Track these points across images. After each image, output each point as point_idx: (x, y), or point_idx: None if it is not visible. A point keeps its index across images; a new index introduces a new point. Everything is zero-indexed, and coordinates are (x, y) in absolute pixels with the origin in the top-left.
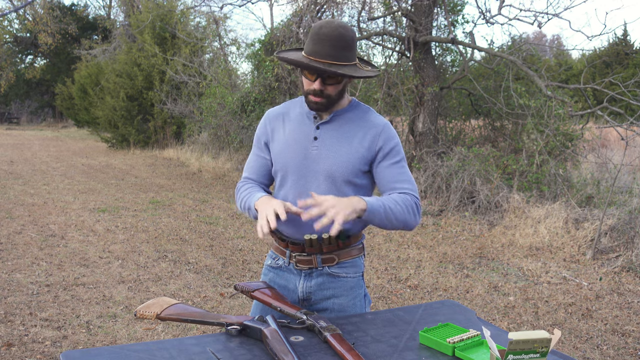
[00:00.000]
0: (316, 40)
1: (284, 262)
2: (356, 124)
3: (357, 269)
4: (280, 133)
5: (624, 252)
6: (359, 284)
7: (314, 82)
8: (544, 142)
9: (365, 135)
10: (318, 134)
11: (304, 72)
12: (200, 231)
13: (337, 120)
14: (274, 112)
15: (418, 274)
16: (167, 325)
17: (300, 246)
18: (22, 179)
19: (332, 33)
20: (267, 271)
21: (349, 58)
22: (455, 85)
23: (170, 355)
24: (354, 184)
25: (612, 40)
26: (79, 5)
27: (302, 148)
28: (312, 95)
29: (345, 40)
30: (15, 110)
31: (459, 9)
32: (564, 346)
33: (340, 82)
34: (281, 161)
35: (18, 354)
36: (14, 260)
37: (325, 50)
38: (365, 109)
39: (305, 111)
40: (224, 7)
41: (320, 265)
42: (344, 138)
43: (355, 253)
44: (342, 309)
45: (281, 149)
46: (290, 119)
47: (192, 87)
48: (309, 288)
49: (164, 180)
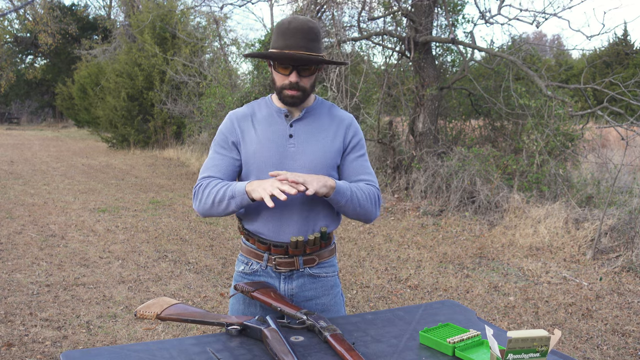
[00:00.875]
0: (287, 35)
1: (260, 265)
2: (326, 119)
3: (334, 268)
4: (251, 134)
5: (624, 252)
6: (337, 283)
7: (289, 75)
8: (544, 142)
9: (337, 130)
10: (292, 131)
11: (277, 68)
12: (200, 231)
13: (309, 117)
14: (240, 113)
15: (418, 274)
16: (167, 325)
17: (282, 248)
18: (22, 179)
19: (302, 26)
20: (241, 278)
21: (319, 50)
22: (456, 85)
23: (170, 355)
24: (331, 177)
25: (612, 40)
26: (79, 5)
27: (278, 146)
28: (287, 90)
29: (315, 32)
30: (16, 110)
31: (459, 9)
32: (564, 346)
33: (314, 74)
34: (257, 161)
35: (18, 354)
36: (14, 260)
37: (298, 42)
38: (329, 105)
39: (275, 110)
40: (224, 7)
41: (302, 266)
42: (318, 133)
43: (330, 253)
44: (324, 308)
45: (255, 149)
46: (259, 120)
47: (192, 87)
48: (291, 290)
49: (164, 180)
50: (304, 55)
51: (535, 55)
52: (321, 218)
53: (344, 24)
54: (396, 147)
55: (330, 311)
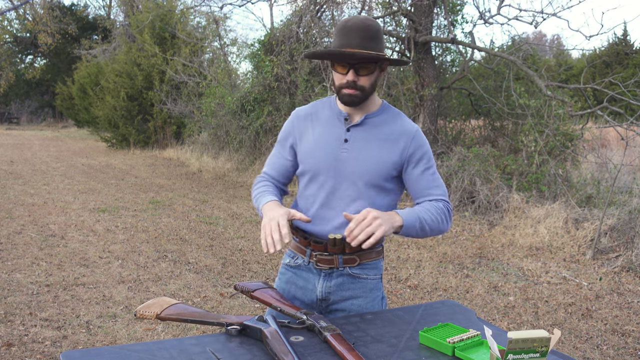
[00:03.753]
0: (344, 33)
1: (304, 261)
2: (387, 127)
3: (377, 271)
4: (309, 134)
5: (624, 252)
6: (378, 286)
7: (347, 74)
8: (544, 142)
9: (397, 140)
10: (349, 136)
11: (335, 67)
12: (200, 231)
13: (368, 123)
14: (302, 112)
15: (418, 274)
16: (167, 325)
17: (322, 245)
18: (22, 179)
19: (359, 24)
20: (285, 270)
21: (378, 49)
22: (455, 85)
23: (170, 355)
24: (383, 188)
25: (612, 40)
26: (78, 5)
27: (332, 149)
28: (345, 89)
29: (373, 30)
30: (15, 110)
31: (458, 9)
32: (564, 346)
33: (373, 73)
34: (310, 162)
35: (18, 354)
36: (14, 260)
37: (354, 40)
38: (396, 113)
39: (336, 112)
40: (224, 7)
41: (342, 265)
42: (374, 141)
43: (376, 255)
44: (360, 310)
45: (311, 149)
46: (320, 120)
47: (192, 87)
48: (329, 288)
49: (164, 180)
50: (357, 52)
51: (535, 55)
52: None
53: None
54: None
55: None
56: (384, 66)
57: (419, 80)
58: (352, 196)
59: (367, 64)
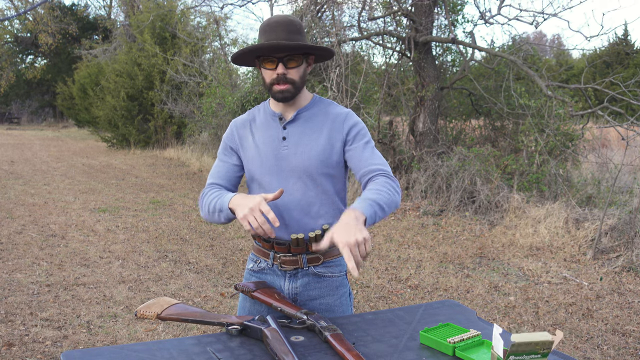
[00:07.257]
0: (269, 30)
1: (267, 264)
2: (321, 118)
3: (341, 268)
4: (249, 140)
5: (625, 252)
6: (344, 283)
7: (276, 68)
8: (544, 142)
9: (332, 127)
10: (285, 133)
11: (264, 64)
12: (200, 231)
13: (302, 118)
14: (240, 120)
15: (418, 274)
16: (167, 325)
17: (285, 246)
18: (22, 179)
19: (283, 19)
20: (250, 275)
21: (303, 42)
22: (456, 85)
23: (170, 355)
24: (328, 175)
25: (613, 40)
26: (79, 5)
27: (272, 150)
28: (276, 85)
29: (295, 25)
30: (16, 110)
31: (459, 9)
32: (565, 346)
33: (301, 65)
34: (256, 165)
35: (19, 353)
36: (14, 260)
37: (281, 34)
38: (327, 103)
39: (270, 114)
40: (225, 7)
41: (306, 265)
42: (311, 133)
43: (339, 252)
44: (329, 308)
45: (253, 154)
46: (257, 126)
47: (192, 87)
48: (295, 289)
49: (165, 180)
50: (283, 43)
51: (536, 55)
52: (322, 215)
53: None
54: (396, 147)
55: (334, 312)
56: (310, 60)
57: (420, 80)
58: (300, 190)
59: (294, 55)
